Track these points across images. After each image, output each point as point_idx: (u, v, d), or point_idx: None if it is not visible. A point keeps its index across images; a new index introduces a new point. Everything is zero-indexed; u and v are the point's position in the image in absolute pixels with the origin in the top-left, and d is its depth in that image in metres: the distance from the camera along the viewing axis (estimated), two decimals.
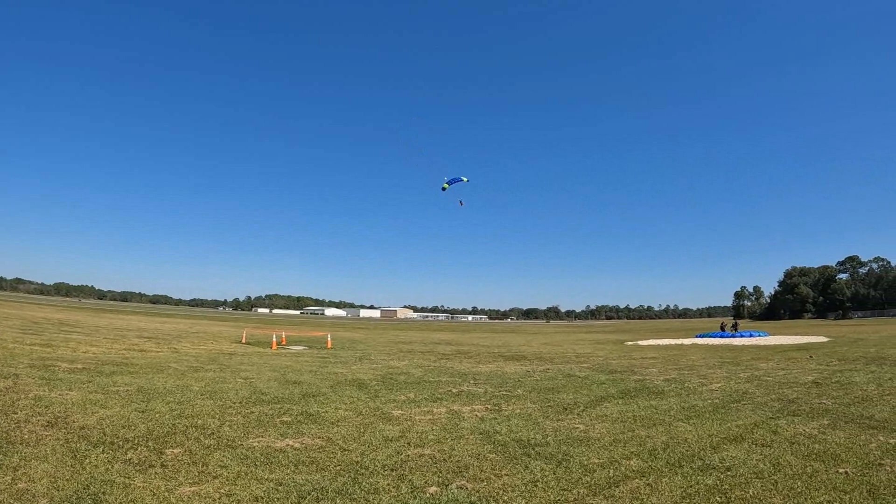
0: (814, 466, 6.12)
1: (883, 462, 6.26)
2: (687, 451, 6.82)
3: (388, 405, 9.81)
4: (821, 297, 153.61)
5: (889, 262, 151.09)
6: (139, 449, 6.35)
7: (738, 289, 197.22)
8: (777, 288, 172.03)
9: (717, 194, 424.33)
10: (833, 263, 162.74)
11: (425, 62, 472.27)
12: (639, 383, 13.13)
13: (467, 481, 5.62)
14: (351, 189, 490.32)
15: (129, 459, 5.94)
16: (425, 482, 5.59)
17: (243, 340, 28.09)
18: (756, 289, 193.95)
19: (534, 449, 6.89)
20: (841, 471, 5.94)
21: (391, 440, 7.27)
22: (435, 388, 12.16)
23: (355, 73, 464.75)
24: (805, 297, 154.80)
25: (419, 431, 7.80)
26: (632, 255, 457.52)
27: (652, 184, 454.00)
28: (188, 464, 5.90)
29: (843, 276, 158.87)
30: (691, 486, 5.47)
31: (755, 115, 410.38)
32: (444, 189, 27.21)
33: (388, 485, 5.50)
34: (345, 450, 6.74)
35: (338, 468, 6.01)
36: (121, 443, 6.55)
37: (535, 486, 5.51)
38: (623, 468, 6.08)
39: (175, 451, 6.34)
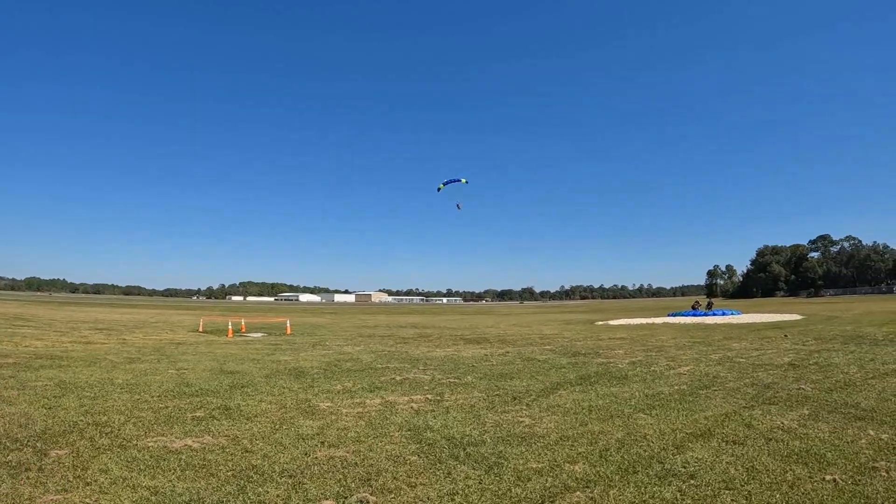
0: (795, 472, 4.98)
1: (877, 465, 5.11)
2: (645, 451, 5.73)
3: (319, 396, 8.81)
4: (793, 276, 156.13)
5: (860, 241, 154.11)
6: (24, 450, 5.63)
7: (711, 268, 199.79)
8: (749, 266, 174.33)
9: (689, 174, 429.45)
10: (805, 242, 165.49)
11: (392, 48, 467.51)
12: (601, 367, 12.22)
13: (372, 493, 4.59)
14: (326, 174, 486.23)
15: (8, 462, 5.27)
16: (322, 493, 4.60)
17: (200, 329, 26.91)
18: (729, 267, 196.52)
19: (465, 449, 5.85)
20: (828, 478, 4.78)
21: (305, 439, 6.29)
22: (379, 375, 11.15)
23: (331, 62, 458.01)
24: (777, 275, 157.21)
25: (340, 428, 6.78)
26: (606, 235, 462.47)
27: (625, 164, 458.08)
28: (67, 467, 5.16)
29: (815, 254, 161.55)
30: (644, 503, 4.38)
31: (725, 93, 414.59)
32: (439, 189, 26.22)
33: (277, 496, 4.54)
34: (248, 451, 5.79)
35: (229, 473, 5.06)
36: (8, 443, 5.86)
37: (453, 499, 4.48)
38: (565, 475, 4.97)
39: (61, 452, 5.62)
